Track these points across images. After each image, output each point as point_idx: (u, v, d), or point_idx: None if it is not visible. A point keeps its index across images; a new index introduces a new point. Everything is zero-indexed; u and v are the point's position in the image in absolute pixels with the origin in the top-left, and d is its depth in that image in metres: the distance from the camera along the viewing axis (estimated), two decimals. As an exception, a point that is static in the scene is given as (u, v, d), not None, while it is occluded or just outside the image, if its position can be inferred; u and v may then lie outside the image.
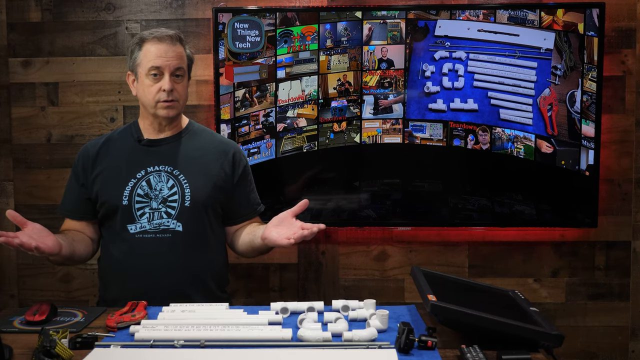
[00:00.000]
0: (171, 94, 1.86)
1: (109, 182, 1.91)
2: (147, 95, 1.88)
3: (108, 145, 1.98)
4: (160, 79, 1.86)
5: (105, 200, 1.90)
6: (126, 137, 1.99)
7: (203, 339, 1.38)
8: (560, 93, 2.52)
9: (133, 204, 1.88)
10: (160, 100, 1.87)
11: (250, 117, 2.57)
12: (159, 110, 1.88)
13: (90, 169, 1.94)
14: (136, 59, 1.89)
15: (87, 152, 1.98)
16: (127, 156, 1.94)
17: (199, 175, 1.92)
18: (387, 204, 2.60)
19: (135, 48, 1.90)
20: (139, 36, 1.91)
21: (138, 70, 1.89)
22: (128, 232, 1.87)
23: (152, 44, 1.87)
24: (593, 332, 2.69)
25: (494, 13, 2.52)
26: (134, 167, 1.91)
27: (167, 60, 1.85)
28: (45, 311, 1.59)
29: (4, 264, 2.74)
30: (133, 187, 1.89)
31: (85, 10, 2.66)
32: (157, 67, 1.85)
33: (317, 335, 1.39)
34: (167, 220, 1.87)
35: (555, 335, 1.36)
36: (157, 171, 1.91)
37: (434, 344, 1.35)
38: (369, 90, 2.57)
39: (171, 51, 1.87)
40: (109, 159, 1.95)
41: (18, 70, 2.68)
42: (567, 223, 2.59)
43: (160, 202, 1.88)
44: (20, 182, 2.72)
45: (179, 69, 1.88)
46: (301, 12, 2.54)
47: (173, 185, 1.89)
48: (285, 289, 2.71)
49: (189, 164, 1.93)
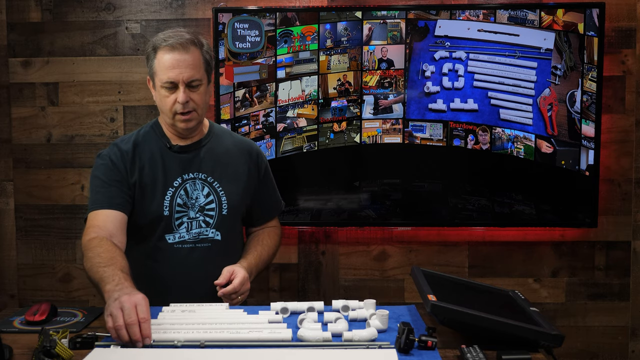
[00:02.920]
0: (187, 105, 1.79)
1: (149, 190, 1.83)
2: (164, 106, 1.82)
3: (139, 148, 1.87)
4: (175, 91, 1.79)
5: (147, 209, 1.82)
6: (153, 141, 1.89)
7: (203, 339, 1.38)
8: (560, 93, 2.52)
9: (173, 213, 1.83)
10: (177, 112, 1.80)
11: (250, 117, 2.57)
12: (177, 122, 1.82)
13: (131, 170, 1.84)
14: (152, 67, 1.82)
15: (122, 151, 1.85)
16: (162, 162, 1.85)
17: (232, 181, 1.89)
18: (387, 204, 2.60)
19: (150, 55, 1.82)
20: (153, 43, 1.82)
21: (155, 80, 1.82)
22: (166, 242, 1.83)
23: (165, 53, 1.78)
24: (593, 332, 2.69)
25: (494, 13, 2.52)
26: (170, 174, 1.85)
27: (180, 72, 1.77)
28: (45, 311, 1.59)
29: (4, 264, 2.74)
30: (172, 196, 1.84)
31: (85, 10, 2.66)
32: (172, 80, 1.77)
33: (317, 335, 1.39)
34: (206, 230, 1.84)
35: (555, 335, 1.36)
36: (192, 179, 1.86)
37: (434, 344, 1.35)
38: (369, 90, 2.57)
39: (184, 61, 1.77)
40: (144, 163, 1.85)
41: (18, 70, 2.68)
42: (567, 223, 2.59)
43: (197, 211, 1.85)
44: (20, 182, 2.72)
45: (195, 80, 1.79)
46: (301, 12, 2.54)
47: (209, 194, 1.86)
48: (285, 289, 2.71)
49: (221, 169, 1.89)
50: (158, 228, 1.83)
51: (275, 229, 2.06)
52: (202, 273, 1.82)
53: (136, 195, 1.83)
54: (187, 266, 1.83)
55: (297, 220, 2.61)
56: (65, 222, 2.72)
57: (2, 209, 2.73)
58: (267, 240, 1.98)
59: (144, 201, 1.83)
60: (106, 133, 2.69)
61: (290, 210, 2.59)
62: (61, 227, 2.72)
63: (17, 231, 2.73)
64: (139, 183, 1.83)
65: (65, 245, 2.73)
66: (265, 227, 2.04)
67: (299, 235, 2.68)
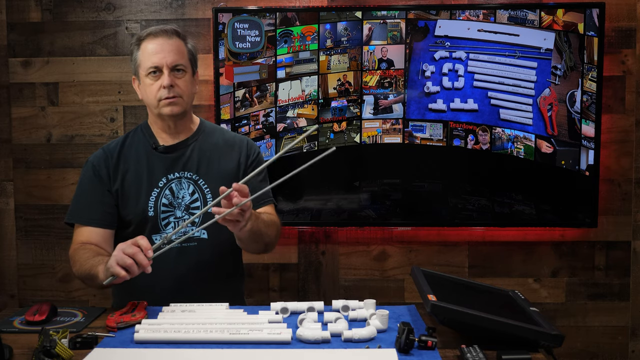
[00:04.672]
0: (172, 89, 1.79)
1: (133, 192, 1.84)
2: (149, 94, 1.82)
3: (124, 151, 1.89)
4: (160, 77, 1.79)
5: (131, 211, 1.83)
6: (140, 142, 1.90)
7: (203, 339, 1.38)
8: (560, 93, 2.52)
9: (159, 213, 1.83)
10: (161, 97, 1.80)
11: (250, 117, 2.57)
12: (162, 108, 1.81)
13: (114, 175, 1.86)
14: (136, 60, 1.83)
15: (107, 156, 1.88)
16: (146, 164, 1.86)
17: (218, 178, 1.86)
18: (387, 204, 2.60)
19: (134, 49, 1.84)
20: (137, 36, 1.85)
21: (139, 72, 1.83)
22: (154, 241, 1.81)
23: (149, 42, 1.80)
24: (593, 332, 2.69)
25: (494, 13, 2.52)
26: (154, 175, 1.85)
27: (164, 56, 1.78)
28: (45, 311, 1.59)
29: (4, 264, 2.74)
30: (157, 196, 1.84)
31: (85, 10, 2.66)
32: (155, 65, 1.78)
33: (317, 335, 1.39)
34: (192, 228, 1.82)
35: (555, 335, 1.36)
36: (178, 178, 1.85)
37: (434, 344, 1.35)
38: (369, 90, 2.57)
39: (167, 45, 1.79)
40: (128, 166, 1.87)
41: (18, 70, 2.68)
42: (567, 223, 2.59)
43: (183, 210, 1.84)
44: (20, 182, 2.72)
45: (179, 65, 1.80)
46: (301, 12, 2.54)
47: (194, 192, 1.85)
48: (285, 289, 2.71)
49: (207, 167, 1.88)
50: (145, 229, 1.83)
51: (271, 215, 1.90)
52: (190, 272, 1.82)
53: (120, 200, 1.85)
54: (175, 266, 1.83)
55: (297, 220, 2.61)
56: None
57: (2, 209, 2.73)
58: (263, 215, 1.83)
59: (129, 204, 1.84)
60: (106, 133, 2.69)
61: (290, 210, 2.60)
62: (61, 227, 2.72)
63: (17, 231, 2.73)
64: (121, 188, 1.85)
65: (65, 245, 2.72)
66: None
67: (299, 235, 2.68)
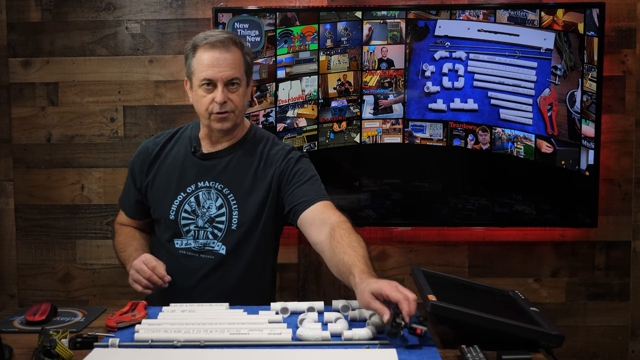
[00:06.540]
0: (224, 105, 1.74)
1: (159, 193, 1.86)
2: (200, 106, 1.77)
3: (167, 147, 1.89)
4: (213, 90, 1.74)
5: (157, 209, 1.87)
6: (184, 142, 1.88)
7: (203, 339, 1.38)
8: (560, 93, 2.52)
9: (179, 219, 1.83)
10: (213, 112, 1.75)
11: (250, 117, 2.57)
12: (212, 122, 1.77)
13: (148, 170, 1.88)
14: (190, 66, 1.78)
15: (146, 151, 1.90)
16: (180, 166, 1.85)
17: (250, 194, 1.82)
18: (387, 204, 2.60)
19: (189, 54, 1.78)
20: (192, 42, 1.78)
21: (192, 79, 1.78)
22: (174, 245, 1.83)
23: (204, 51, 1.74)
24: (593, 332, 2.69)
25: (494, 13, 2.52)
26: (185, 179, 1.84)
27: (219, 71, 1.72)
28: (45, 311, 1.59)
29: (4, 264, 2.74)
30: (181, 202, 1.83)
31: (85, 10, 2.66)
32: (210, 78, 1.73)
33: (317, 334, 1.39)
34: (212, 242, 1.81)
35: (556, 335, 1.36)
36: (207, 187, 1.83)
37: (422, 331, 1.34)
38: (369, 90, 2.57)
39: (224, 60, 1.73)
40: (163, 165, 1.87)
41: (18, 70, 2.68)
42: (567, 223, 2.59)
43: (206, 221, 1.82)
44: (20, 182, 2.72)
45: (234, 79, 1.75)
46: (301, 12, 2.54)
47: (222, 205, 1.82)
48: (285, 289, 2.71)
49: (241, 181, 1.82)
50: (168, 230, 1.85)
51: (341, 225, 1.69)
52: (200, 284, 1.82)
53: (148, 195, 1.89)
54: (186, 274, 1.82)
55: (297, 220, 2.61)
56: (65, 222, 2.72)
57: (2, 209, 2.73)
58: (345, 239, 1.64)
59: (156, 201, 1.88)
60: (106, 133, 2.69)
61: (290, 210, 2.59)
62: (61, 227, 2.72)
63: (17, 231, 2.73)
64: (152, 184, 1.88)
65: (65, 245, 2.73)
66: (327, 225, 1.73)
67: (299, 235, 2.68)
